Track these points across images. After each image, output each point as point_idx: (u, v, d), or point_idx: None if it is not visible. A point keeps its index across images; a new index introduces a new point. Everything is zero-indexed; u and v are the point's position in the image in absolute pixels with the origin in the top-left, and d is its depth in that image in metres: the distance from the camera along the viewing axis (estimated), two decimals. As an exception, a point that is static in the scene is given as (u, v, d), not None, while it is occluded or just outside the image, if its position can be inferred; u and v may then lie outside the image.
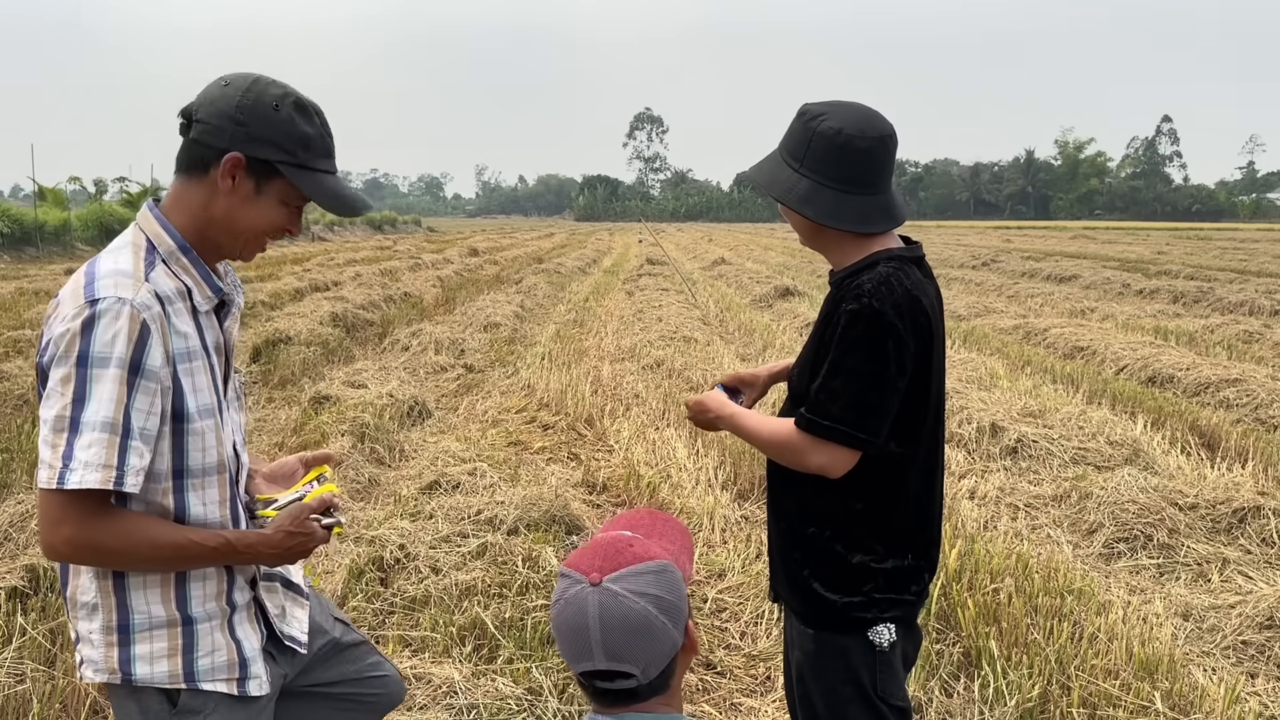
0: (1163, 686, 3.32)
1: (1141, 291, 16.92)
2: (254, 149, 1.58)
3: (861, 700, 1.97)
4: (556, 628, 1.32)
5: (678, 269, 19.08)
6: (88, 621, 1.60)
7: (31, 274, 19.22)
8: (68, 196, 31.47)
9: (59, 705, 3.20)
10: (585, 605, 1.29)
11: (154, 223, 1.63)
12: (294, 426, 6.82)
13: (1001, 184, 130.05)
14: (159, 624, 1.60)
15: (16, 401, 7.32)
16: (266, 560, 1.67)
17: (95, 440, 1.45)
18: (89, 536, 1.49)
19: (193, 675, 1.62)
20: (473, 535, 4.41)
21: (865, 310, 1.82)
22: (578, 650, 1.30)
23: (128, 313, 1.49)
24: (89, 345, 1.46)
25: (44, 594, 3.88)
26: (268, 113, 1.58)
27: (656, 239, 27.79)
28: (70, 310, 1.49)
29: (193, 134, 1.59)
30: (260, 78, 1.63)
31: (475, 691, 3.23)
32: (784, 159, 1.96)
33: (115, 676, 1.59)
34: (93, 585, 1.59)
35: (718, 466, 5.84)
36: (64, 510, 1.47)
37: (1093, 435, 6.19)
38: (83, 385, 1.46)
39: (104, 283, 1.51)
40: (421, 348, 10.05)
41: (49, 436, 1.47)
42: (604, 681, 1.32)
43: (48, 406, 1.48)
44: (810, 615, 2.01)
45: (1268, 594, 4.01)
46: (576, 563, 1.34)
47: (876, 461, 1.92)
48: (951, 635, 3.70)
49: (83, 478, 1.44)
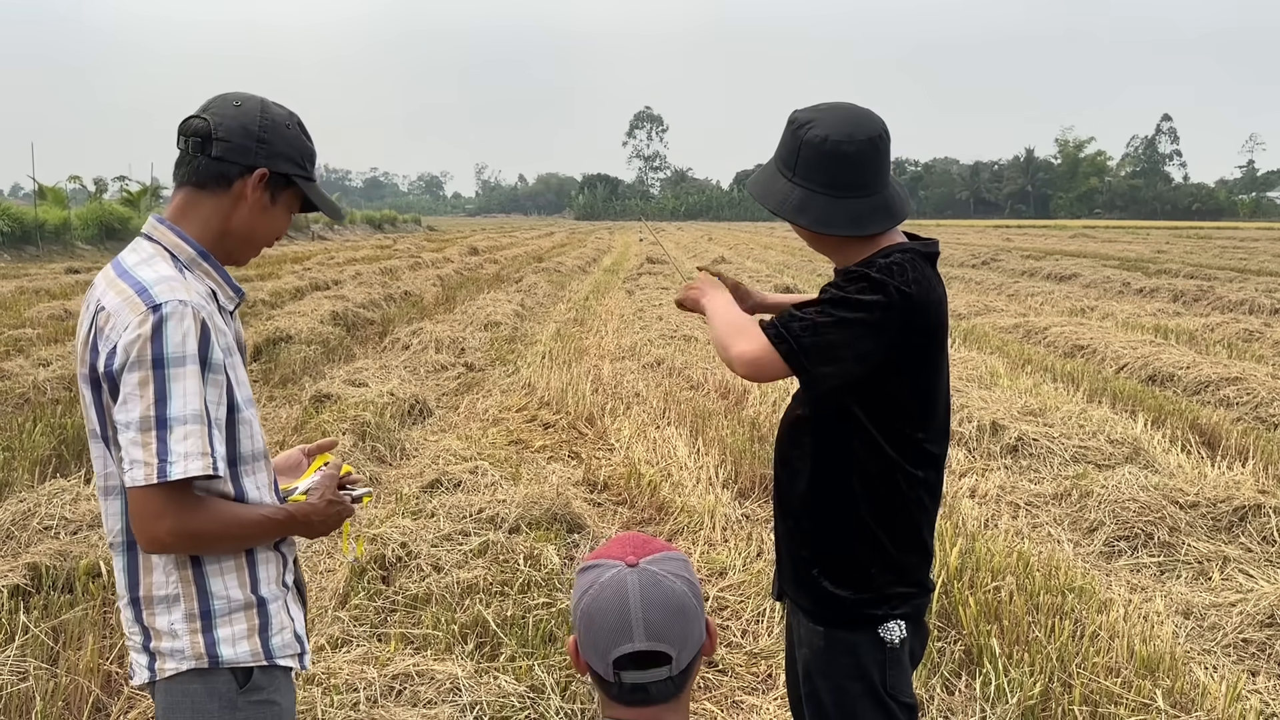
0: (1164, 684, 3.33)
1: (1142, 290, 16.92)
2: (276, 164, 1.74)
3: (871, 697, 1.97)
4: (590, 614, 1.31)
5: (678, 268, 19.06)
6: (167, 615, 1.68)
7: (32, 273, 19.23)
8: (68, 195, 31.50)
9: (61, 703, 3.21)
10: (625, 586, 1.30)
11: (168, 233, 1.73)
12: (295, 425, 6.82)
13: (1001, 183, 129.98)
14: (237, 607, 1.71)
15: (17, 400, 7.33)
16: (316, 528, 1.82)
17: (190, 432, 1.56)
18: (189, 524, 1.59)
19: (270, 652, 1.74)
20: (474, 533, 4.42)
21: (869, 277, 1.84)
22: (616, 633, 1.29)
23: (190, 313, 1.59)
24: (162, 348, 1.56)
25: (46, 592, 3.89)
26: (283, 131, 1.75)
27: (657, 238, 27.78)
28: (134, 318, 1.58)
29: (216, 152, 1.70)
30: (264, 100, 1.77)
31: (478, 689, 3.23)
32: (778, 169, 1.97)
33: (203, 661, 1.68)
34: (171, 577, 1.67)
35: (718, 465, 5.84)
36: (164, 503, 1.56)
37: (1093, 434, 6.19)
38: (163, 385, 1.56)
39: (160, 288, 1.60)
40: (422, 346, 10.05)
41: (137, 437, 1.55)
42: (636, 671, 1.30)
43: (127, 410, 1.56)
44: (820, 613, 2.01)
45: (1268, 592, 4.02)
46: (604, 555, 1.35)
47: (887, 462, 1.92)
48: (953, 633, 3.71)
49: (186, 467, 1.55)
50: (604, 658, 1.30)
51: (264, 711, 1.73)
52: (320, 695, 3.16)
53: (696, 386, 8.20)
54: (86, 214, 28.51)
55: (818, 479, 1.97)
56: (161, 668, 1.69)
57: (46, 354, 8.89)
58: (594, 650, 1.32)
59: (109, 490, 1.69)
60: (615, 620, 1.29)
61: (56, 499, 4.72)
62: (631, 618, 1.28)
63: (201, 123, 1.70)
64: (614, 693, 1.33)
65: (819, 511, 2.00)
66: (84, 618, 3.68)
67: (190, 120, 1.72)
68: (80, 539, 4.35)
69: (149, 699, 3.29)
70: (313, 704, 3.10)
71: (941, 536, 4.47)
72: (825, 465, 1.97)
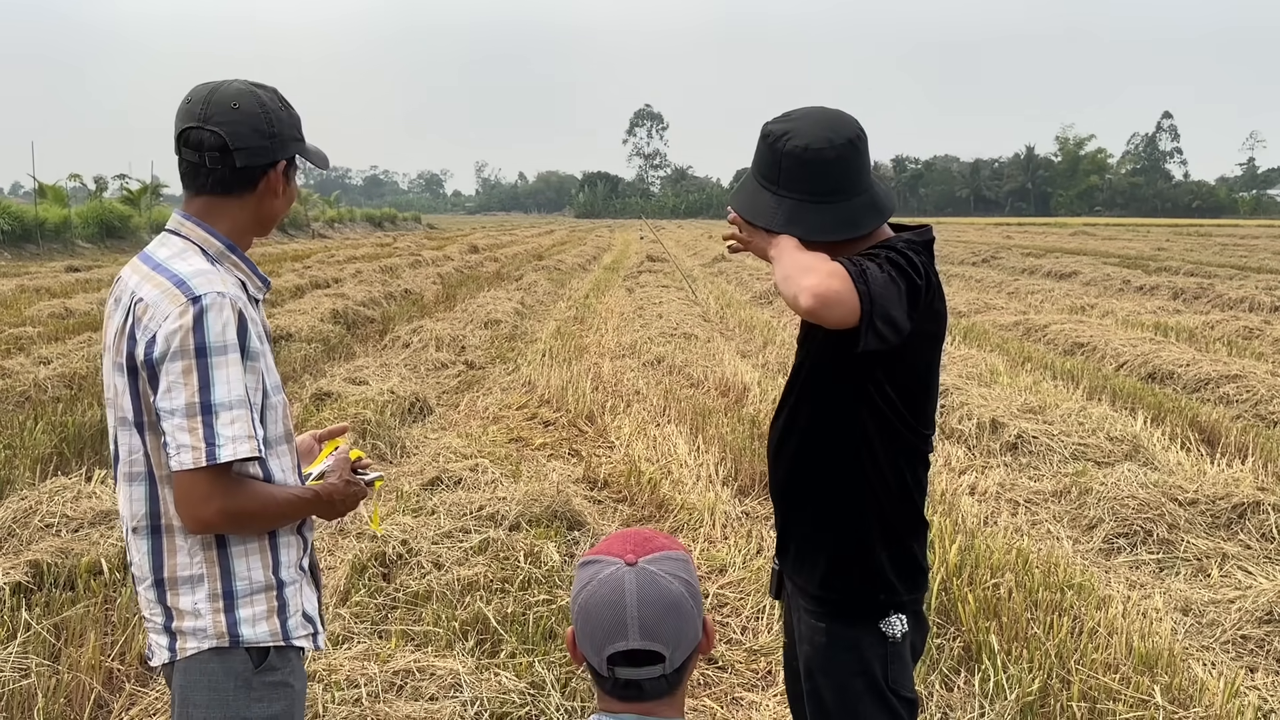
0: (1162, 681, 3.34)
1: (1141, 288, 16.93)
2: (288, 150, 1.81)
3: (873, 693, 1.98)
4: (587, 609, 1.33)
5: (678, 265, 19.08)
6: (190, 595, 1.73)
7: (32, 271, 19.24)
8: (68, 194, 31.45)
9: (63, 700, 3.22)
10: (622, 583, 1.31)
11: (197, 229, 1.77)
12: (296, 423, 6.81)
13: (1002, 180, 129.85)
14: (259, 588, 1.76)
15: (18, 398, 7.34)
16: (336, 508, 1.89)
17: (236, 417, 1.63)
18: (236, 504, 1.66)
19: (287, 633, 1.80)
20: (475, 531, 4.43)
21: (894, 249, 1.82)
22: (611, 630, 1.31)
23: (228, 304, 1.66)
24: (204, 337, 1.62)
25: (47, 589, 3.90)
26: (281, 115, 1.79)
27: (657, 236, 27.79)
28: (174, 309, 1.63)
29: (240, 162, 1.74)
30: (252, 87, 1.78)
31: (479, 685, 3.25)
32: (760, 184, 1.93)
33: (224, 640, 1.73)
34: (195, 559, 1.73)
35: (718, 463, 5.85)
36: (213, 485, 1.63)
37: (1093, 431, 6.20)
38: (206, 373, 1.62)
39: (198, 281, 1.66)
40: (422, 344, 10.06)
41: (184, 423, 1.61)
42: (629, 668, 1.32)
43: (171, 398, 1.62)
44: (823, 608, 2.02)
45: (1267, 589, 4.03)
46: (605, 550, 1.37)
47: (896, 447, 1.94)
48: (952, 630, 3.72)
49: (235, 450, 1.62)
50: (599, 653, 1.32)
51: (277, 692, 1.78)
52: (322, 691, 3.17)
53: (696, 384, 8.21)
54: (87, 212, 28.47)
55: (825, 471, 1.98)
56: (183, 647, 1.74)
57: (47, 352, 8.91)
58: (590, 644, 1.34)
59: (134, 476, 1.73)
60: (610, 617, 1.31)
61: (58, 496, 4.73)
62: (627, 616, 1.30)
63: (214, 136, 1.71)
64: (608, 687, 1.35)
65: (826, 503, 2.00)
66: (86, 615, 3.69)
67: (197, 132, 1.71)
68: (81, 536, 4.36)
69: (149, 695, 3.30)
70: (315, 700, 3.11)
71: (941, 533, 4.49)
72: (834, 453, 1.97)
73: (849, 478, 1.97)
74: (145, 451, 1.70)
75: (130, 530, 1.76)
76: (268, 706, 1.76)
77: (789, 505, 2.11)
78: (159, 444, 1.67)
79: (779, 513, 2.17)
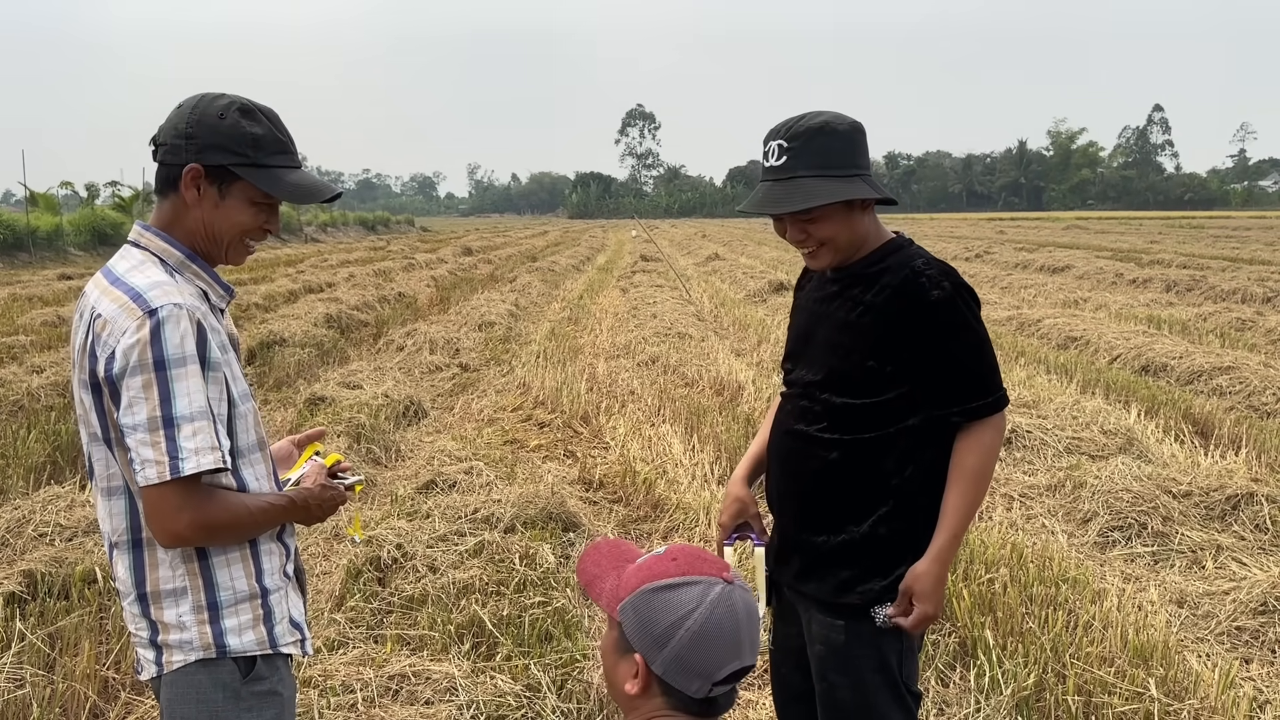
0: (1157, 673, 3.34)
1: (1134, 281, 16.96)
2: (208, 157, 1.70)
3: (891, 689, 2.00)
4: (705, 634, 1.27)
5: (671, 265, 19.08)
6: (175, 608, 1.72)
7: (24, 279, 19.17)
8: (59, 202, 31.38)
9: (58, 710, 3.21)
10: (734, 603, 1.29)
11: (154, 239, 1.76)
12: (290, 428, 6.82)
13: (994, 175, 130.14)
14: (243, 597, 1.75)
15: (11, 407, 7.31)
16: (314, 514, 1.87)
17: (198, 429, 1.60)
18: (206, 516, 1.64)
19: (274, 641, 1.79)
20: (470, 534, 4.42)
21: (951, 288, 2.00)
22: (729, 651, 1.27)
23: (185, 315, 1.63)
24: (162, 350, 1.60)
25: (42, 599, 3.88)
26: (214, 122, 1.70)
27: (650, 235, 27.77)
28: (131, 323, 1.61)
29: (160, 157, 1.73)
30: (207, 94, 1.75)
31: (475, 689, 3.24)
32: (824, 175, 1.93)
33: (210, 651, 1.72)
34: (178, 571, 1.71)
35: (714, 462, 5.85)
36: (181, 498, 1.61)
37: (1086, 425, 6.21)
38: (166, 386, 1.60)
39: (154, 293, 1.64)
40: (416, 347, 10.05)
41: (146, 438, 1.59)
42: (724, 685, 1.30)
43: (133, 413, 1.60)
44: (841, 605, 2.02)
45: (1261, 580, 4.04)
46: (691, 570, 1.32)
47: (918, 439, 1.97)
48: (947, 625, 3.72)
49: (199, 462, 1.60)
50: (708, 677, 1.28)
51: (267, 701, 1.78)
52: (317, 697, 3.16)
53: (691, 384, 8.21)
54: (79, 220, 28.41)
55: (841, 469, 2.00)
56: (169, 660, 1.73)
57: (40, 361, 8.87)
58: (699, 669, 1.27)
59: (112, 491, 1.72)
60: (730, 639, 1.28)
61: (51, 505, 4.72)
62: (742, 635, 1.29)
63: (158, 131, 1.75)
64: (694, 709, 1.30)
65: (843, 501, 2.02)
66: (80, 624, 3.68)
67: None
68: (75, 545, 4.34)
69: (145, 704, 3.29)
70: (310, 705, 3.10)
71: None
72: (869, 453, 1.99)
73: (860, 482, 1.98)
74: (119, 467, 1.69)
75: (111, 545, 1.75)
76: (257, 716, 1.76)
77: (794, 511, 2.10)
78: (128, 459, 1.65)
79: (785, 523, 2.15)
